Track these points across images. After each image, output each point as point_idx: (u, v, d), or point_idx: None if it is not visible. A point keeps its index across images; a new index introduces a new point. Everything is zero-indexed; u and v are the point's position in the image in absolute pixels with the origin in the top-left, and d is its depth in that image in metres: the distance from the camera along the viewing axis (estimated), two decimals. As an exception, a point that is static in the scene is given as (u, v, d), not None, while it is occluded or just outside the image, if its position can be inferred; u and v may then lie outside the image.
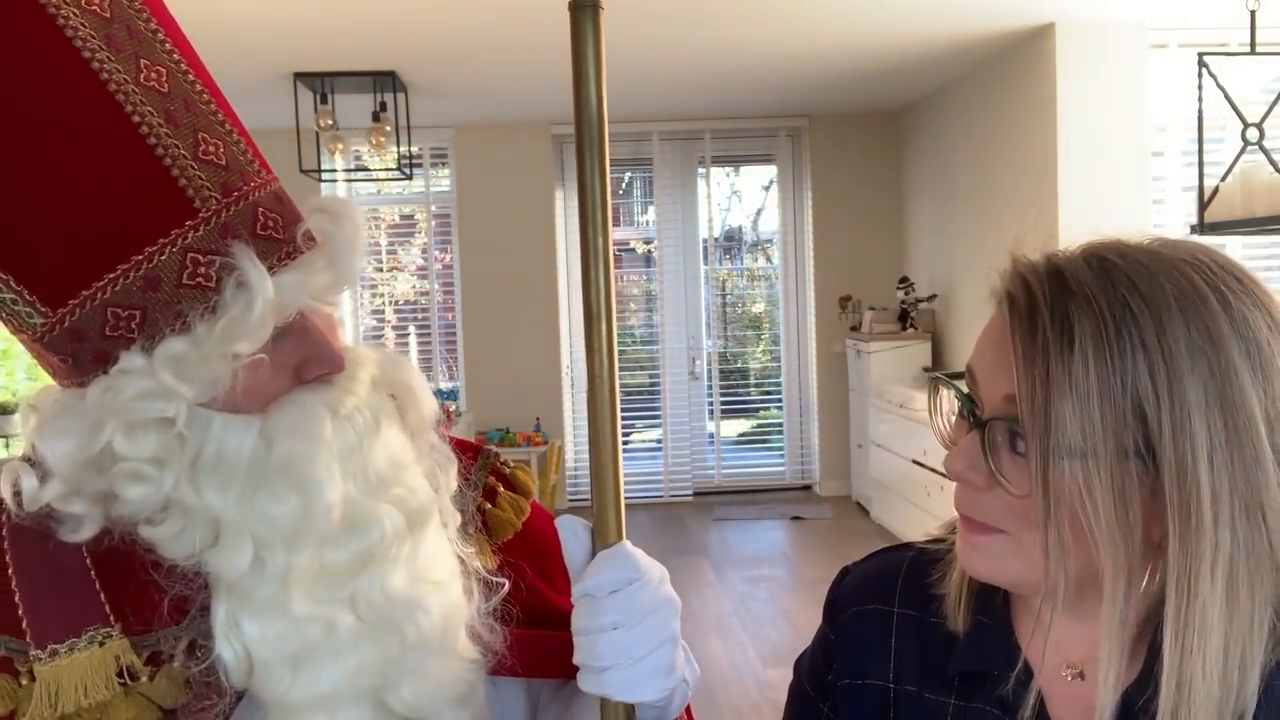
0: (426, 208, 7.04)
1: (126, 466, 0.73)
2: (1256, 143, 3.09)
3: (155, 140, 0.71)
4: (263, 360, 0.74)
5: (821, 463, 7.17)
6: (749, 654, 4.39)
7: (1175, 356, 0.63)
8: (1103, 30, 4.63)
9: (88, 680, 0.74)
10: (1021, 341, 0.65)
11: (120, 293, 0.71)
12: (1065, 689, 0.76)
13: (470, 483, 0.93)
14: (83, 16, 0.70)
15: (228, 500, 0.73)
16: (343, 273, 0.78)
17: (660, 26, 4.53)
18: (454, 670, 0.81)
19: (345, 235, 0.79)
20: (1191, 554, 0.64)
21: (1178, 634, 0.65)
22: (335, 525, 0.75)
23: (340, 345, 0.82)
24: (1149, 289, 0.64)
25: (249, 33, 4.36)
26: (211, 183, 0.73)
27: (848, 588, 0.90)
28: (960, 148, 5.90)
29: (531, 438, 6.61)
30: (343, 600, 0.76)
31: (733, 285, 7.85)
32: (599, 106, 0.74)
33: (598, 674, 0.75)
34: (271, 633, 0.74)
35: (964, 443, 0.71)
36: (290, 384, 0.77)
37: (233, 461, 0.74)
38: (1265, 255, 5.23)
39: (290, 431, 0.75)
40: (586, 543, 0.78)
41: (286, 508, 0.73)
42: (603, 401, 0.77)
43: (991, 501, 0.70)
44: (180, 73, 0.74)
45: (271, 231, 0.75)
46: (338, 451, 0.76)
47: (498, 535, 0.93)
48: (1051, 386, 0.63)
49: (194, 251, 0.72)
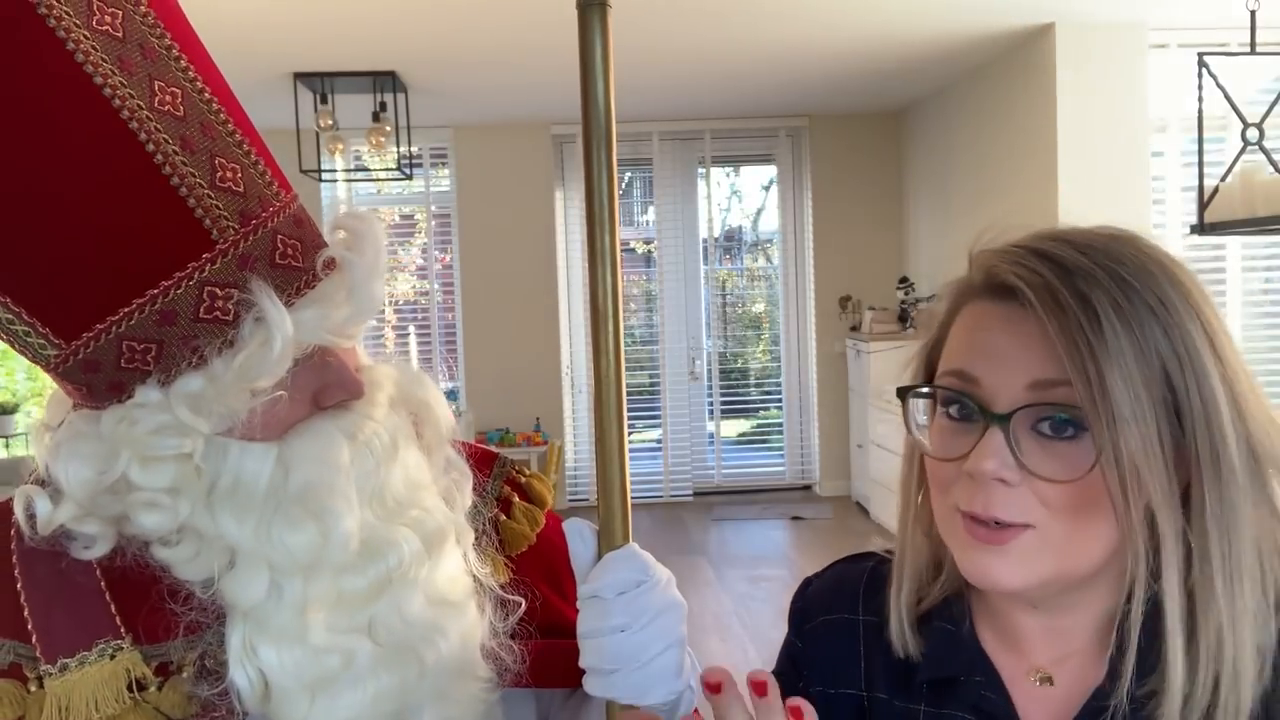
0: (426, 208, 7.03)
1: (142, 496, 0.72)
2: (1256, 143, 3.09)
3: (170, 170, 0.68)
4: (282, 395, 0.72)
5: (821, 463, 7.16)
6: (749, 654, 4.39)
7: (1179, 313, 0.66)
8: (1103, 30, 4.63)
9: (99, 694, 0.73)
10: (1055, 323, 0.65)
11: (135, 326, 0.69)
12: (1033, 691, 0.75)
13: (485, 493, 0.92)
14: (94, 39, 0.66)
15: (244, 528, 0.73)
16: (363, 305, 0.75)
17: (660, 27, 4.52)
18: (473, 691, 0.80)
19: (366, 261, 0.76)
20: (1229, 502, 0.65)
21: (1213, 588, 0.65)
22: (353, 553, 0.74)
23: (359, 366, 0.80)
24: (1126, 259, 0.67)
25: (249, 33, 4.35)
26: (229, 212, 0.70)
27: (812, 597, 0.89)
28: (960, 148, 5.90)
29: (531, 438, 6.61)
30: (360, 627, 0.75)
31: (733, 285, 7.84)
32: (607, 107, 0.74)
33: (605, 677, 0.74)
34: (290, 660, 0.73)
35: (987, 444, 0.67)
36: (308, 410, 0.76)
37: (250, 489, 0.73)
38: (1265, 255, 5.23)
39: (308, 459, 0.74)
40: (593, 545, 0.78)
41: (304, 536, 0.72)
42: (609, 403, 0.77)
43: (1021, 497, 0.67)
44: (196, 92, 0.71)
45: (291, 260, 0.73)
46: (355, 478, 0.75)
47: (511, 547, 0.92)
48: (1100, 360, 0.63)
49: (211, 285, 0.69)
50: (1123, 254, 0.67)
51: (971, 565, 0.70)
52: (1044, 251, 0.68)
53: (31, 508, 0.74)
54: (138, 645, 0.75)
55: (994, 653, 0.77)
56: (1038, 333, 0.66)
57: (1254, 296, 5.28)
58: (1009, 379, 0.68)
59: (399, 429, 0.80)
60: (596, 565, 0.77)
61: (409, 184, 6.88)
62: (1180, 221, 4.71)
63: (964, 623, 0.78)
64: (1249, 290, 5.24)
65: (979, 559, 0.69)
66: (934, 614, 0.79)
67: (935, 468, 0.73)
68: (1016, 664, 0.76)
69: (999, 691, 0.75)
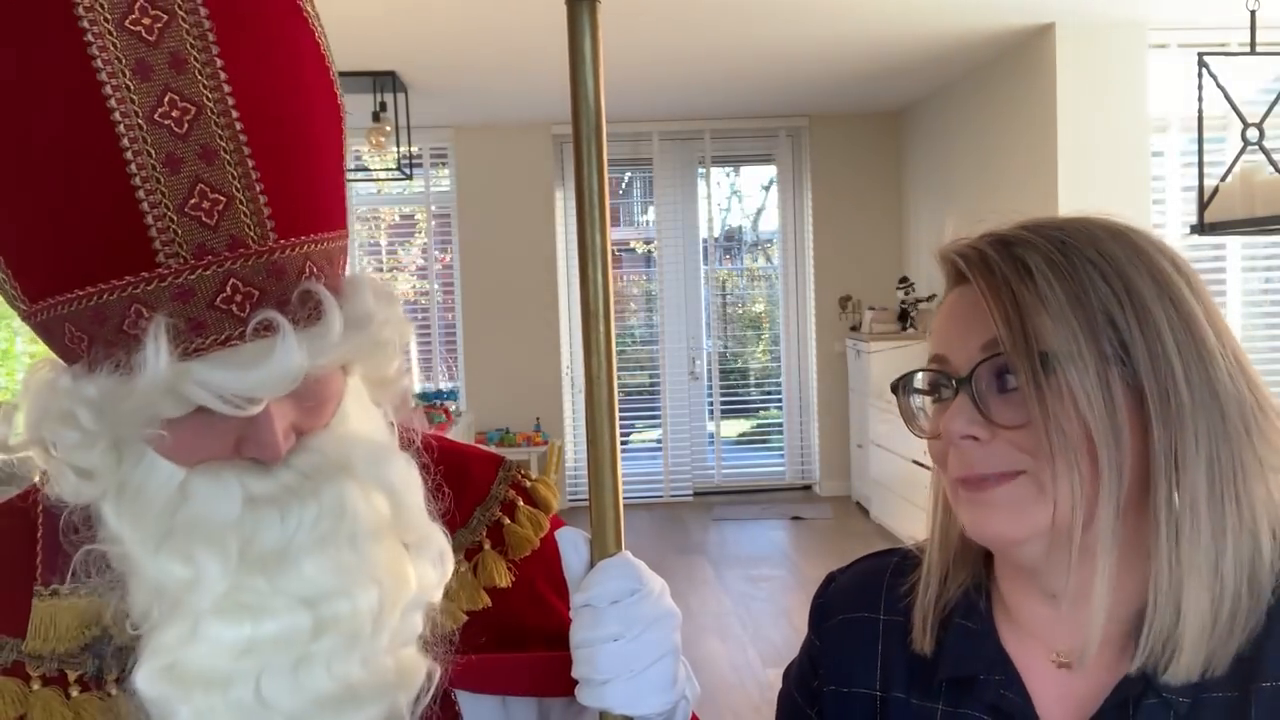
0: (426, 208, 7.03)
1: (57, 464, 0.73)
2: (1256, 143, 3.09)
3: (141, 181, 0.65)
4: (162, 435, 0.70)
5: (821, 463, 7.16)
6: (749, 654, 4.38)
7: (1121, 263, 0.70)
8: (1103, 30, 4.62)
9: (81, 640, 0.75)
10: (984, 282, 0.71)
11: (76, 314, 0.69)
12: (1053, 680, 0.76)
13: (489, 497, 0.92)
14: (118, 35, 0.65)
15: (136, 536, 0.72)
16: (267, 376, 0.68)
17: (660, 26, 4.52)
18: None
19: (321, 328, 0.70)
20: (1175, 436, 0.69)
21: (1169, 526, 0.69)
22: (224, 607, 0.72)
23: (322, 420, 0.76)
24: (1076, 231, 0.72)
25: (248, 32, 4.34)
26: (185, 240, 0.67)
27: (833, 594, 0.90)
28: (960, 148, 5.90)
29: (531, 438, 6.61)
30: (244, 675, 0.72)
31: (733, 285, 7.84)
32: (597, 104, 0.73)
33: (598, 687, 0.74)
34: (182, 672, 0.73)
35: (953, 406, 0.72)
36: (229, 451, 0.73)
37: (148, 502, 0.72)
38: (1265, 255, 5.23)
39: (203, 497, 0.72)
40: (586, 555, 0.78)
41: (179, 569, 0.71)
42: (601, 403, 0.76)
43: (999, 449, 0.71)
44: (217, 114, 0.67)
45: (233, 307, 0.68)
46: (244, 537, 0.72)
47: (516, 552, 0.91)
48: (1024, 307, 0.69)
49: (139, 304, 0.67)
50: (1070, 226, 0.73)
51: (971, 523, 0.74)
52: (989, 232, 0.75)
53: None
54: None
55: (1017, 650, 0.78)
56: (981, 301, 0.71)
57: (1254, 296, 5.28)
58: (965, 345, 0.73)
59: (341, 514, 0.74)
60: (589, 574, 0.77)
61: (409, 184, 6.88)
62: (1180, 221, 4.71)
63: (985, 622, 0.79)
64: (1249, 290, 5.24)
65: (975, 513, 0.73)
66: (954, 612, 0.80)
67: (932, 449, 0.77)
68: (1039, 659, 0.77)
69: (1018, 690, 0.75)
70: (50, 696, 0.75)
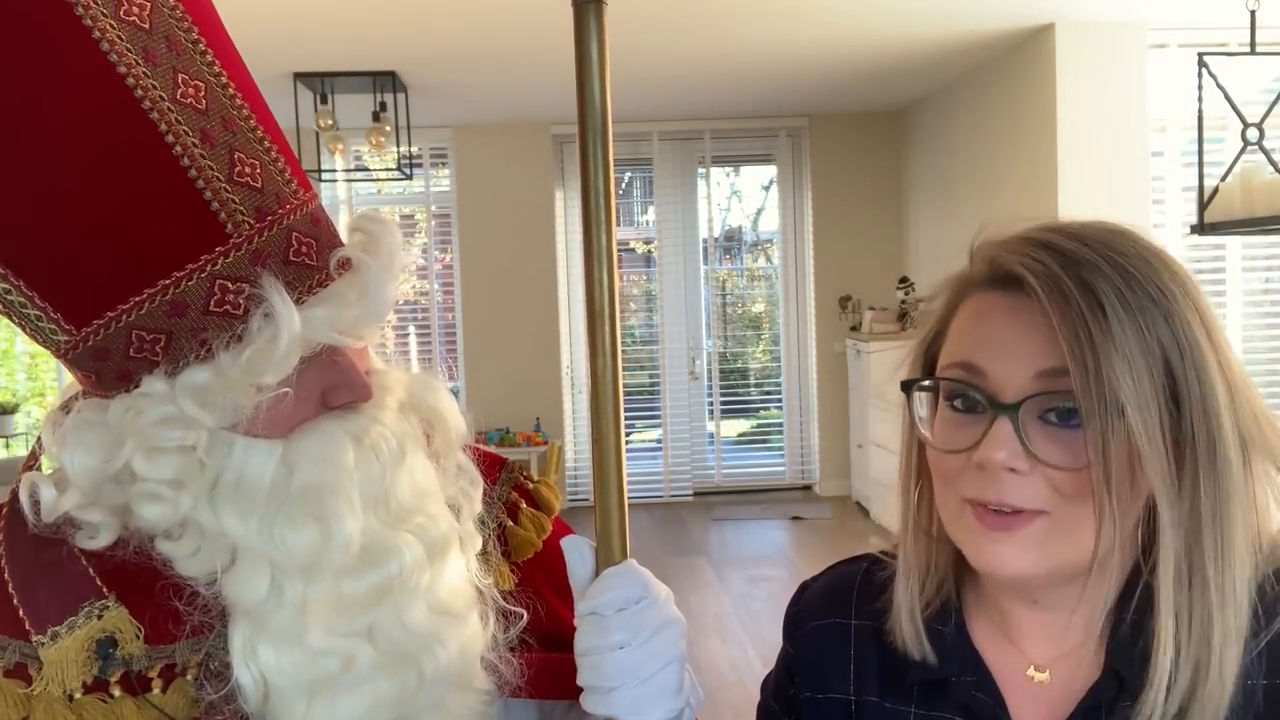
0: (426, 208, 7.03)
1: (145, 487, 0.72)
2: (1256, 143, 3.09)
3: (189, 162, 0.68)
4: (287, 392, 0.72)
5: (821, 463, 7.16)
6: (749, 654, 4.38)
7: (1176, 303, 0.67)
8: (1103, 30, 4.62)
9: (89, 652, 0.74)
10: (1058, 310, 0.65)
11: (145, 316, 0.69)
12: (1028, 690, 0.75)
13: (492, 499, 0.92)
14: (120, 29, 0.67)
15: (246, 526, 0.72)
16: (374, 307, 0.75)
17: (660, 26, 4.52)
18: (470, 703, 0.80)
19: (380, 263, 0.76)
20: (1224, 491, 0.66)
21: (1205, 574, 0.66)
22: (353, 557, 0.73)
23: (370, 369, 0.80)
24: (1126, 251, 0.68)
25: (249, 33, 4.34)
26: (245, 206, 0.70)
27: (805, 603, 0.90)
28: (960, 148, 5.90)
29: (531, 438, 6.61)
30: (360, 632, 0.75)
31: (733, 285, 7.84)
32: (603, 105, 0.73)
33: (604, 694, 0.74)
34: (288, 661, 0.73)
35: (996, 433, 0.67)
36: (315, 410, 0.75)
37: (253, 487, 0.73)
38: (1265, 255, 5.23)
39: (312, 459, 0.73)
40: (592, 563, 0.78)
41: (305, 537, 0.72)
42: (606, 404, 0.76)
43: (1033, 484, 0.67)
44: (219, 87, 0.71)
45: (304, 258, 0.73)
46: (360, 481, 0.74)
47: (518, 554, 0.91)
48: (1099, 349, 0.64)
49: (222, 279, 0.70)
50: (1123, 246, 0.68)
51: (981, 553, 0.70)
52: (1046, 242, 0.69)
53: (36, 494, 0.74)
54: (122, 604, 0.75)
55: (991, 651, 0.77)
56: (1042, 322, 0.67)
57: (1254, 296, 5.28)
58: (1016, 369, 0.68)
59: (407, 435, 0.79)
60: (595, 581, 0.77)
61: (409, 184, 6.88)
62: (1180, 221, 4.71)
63: (957, 623, 0.78)
64: (1249, 290, 5.24)
65: (989, 546, 0.69)
66: (928, 615, 0.79)
67: (939, 460, 0.73)
68: (1014, 661, 0.76)
69: (990, 692, 0.75)
70: (52, 699, 0.75)
